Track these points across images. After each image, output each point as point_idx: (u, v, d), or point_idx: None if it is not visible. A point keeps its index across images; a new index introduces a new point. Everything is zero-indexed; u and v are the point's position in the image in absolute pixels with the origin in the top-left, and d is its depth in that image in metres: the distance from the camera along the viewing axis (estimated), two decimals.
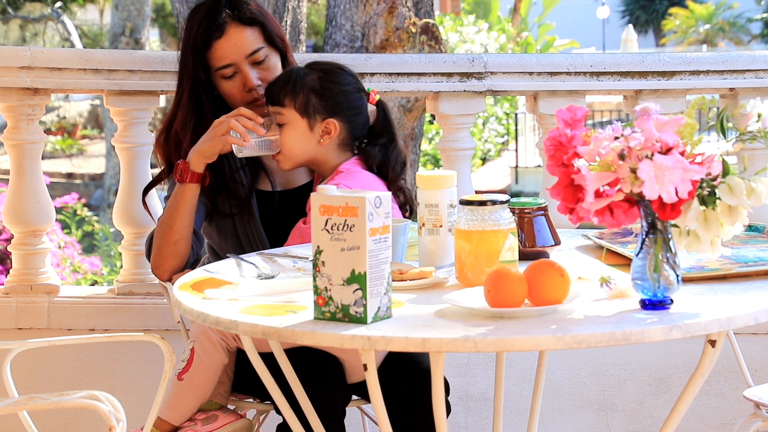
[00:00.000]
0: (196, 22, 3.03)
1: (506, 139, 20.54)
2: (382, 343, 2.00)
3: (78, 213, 8.42)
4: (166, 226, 2.93)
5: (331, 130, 2.92)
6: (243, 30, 3.02)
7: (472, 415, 3.69)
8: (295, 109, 2.89)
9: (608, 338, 1.96)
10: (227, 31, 3.01)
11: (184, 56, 3.05)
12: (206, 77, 3.04)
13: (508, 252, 2.32)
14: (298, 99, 2.89)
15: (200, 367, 2.80)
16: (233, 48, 3.01)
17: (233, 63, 3.01)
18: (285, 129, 2.90)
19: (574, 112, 2.12)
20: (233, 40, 3.01)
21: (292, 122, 2.90)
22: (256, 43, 3.03)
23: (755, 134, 2.12)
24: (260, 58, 3.03)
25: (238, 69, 3.02)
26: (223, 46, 3.01)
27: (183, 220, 2.91)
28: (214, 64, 3.02)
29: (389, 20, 6.33)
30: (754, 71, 3.81)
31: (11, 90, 3.49)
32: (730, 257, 2.42)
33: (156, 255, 2.96)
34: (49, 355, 3.55)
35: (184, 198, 2.92)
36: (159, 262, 2.95)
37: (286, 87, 2.90)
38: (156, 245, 2.96)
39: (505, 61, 3.72)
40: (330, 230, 2.09)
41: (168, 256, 2.95)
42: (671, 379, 3.71)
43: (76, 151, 21.86)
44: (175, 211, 2.92)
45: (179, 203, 2.92)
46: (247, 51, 3.02)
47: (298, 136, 2.90)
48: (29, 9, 20.07)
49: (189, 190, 2.91)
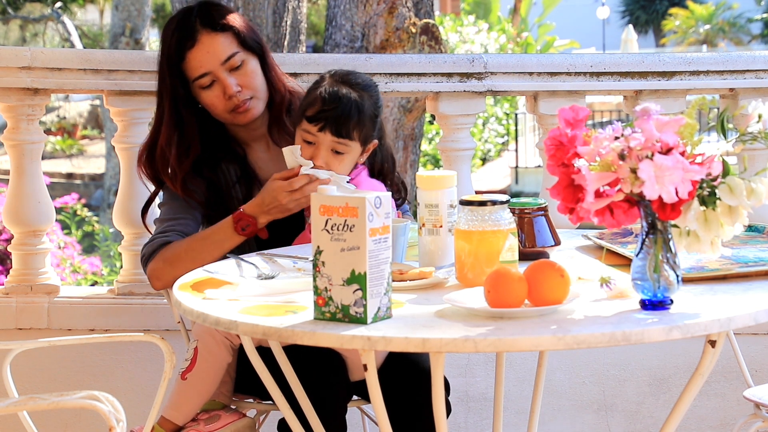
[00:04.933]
0: (168, 35, 2.99)
1: (506, 140, 20.54)
2: (382, 344, 2.00)
3: (78, 213, 8.42)
4: (196, 255, 2.87)
5: (370, 149, 2.94)
6: (215, 37, 2.97)
7: (472, 415, 3.69)
8: (359, 140, 2.87)
9: (608, 338, 1.96)
10: (199, 39, 2.96)
11: (161, 71, 3.01)
12: (185, 90, 2.99)
13: (508, 252, 2.32)
14: (363, 131, 2.87)
15: (204, 366, 2.80)
16: (207, 56, 2.96)
17: (209, 71, 2.96)
18: (345, 158, 2.87)
19: (576, 112, 2.12)
20: (206, 47, 2.96)
21: (353, 152, 2.88)
22: (230, 49, 2.98)
23: (756, 135, 2.12)
24: (236, 64, 2.98)
25: (216, 77, 2.97)
26: (196, 55, 2.96)
27: (215, 259, 2.85)
28: (191, 75, 2.98)
29: (389, 20, 6.33)
30: (754, 71, 3.81)
31: (11, 90, 3.48)
32: (730, 257, 2.42)
33: (164, 271, 2.91)
34: (49, 355, 3.55)
35: (231, 245, 2.87)
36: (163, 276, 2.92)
37: (357, 121, 2.85)
38: (170, 263, 2.90)
39: (505, 62, 3.72)
40: (330, 230, 2.09)
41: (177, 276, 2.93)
42: (671, 380, 3.71)
43: (76, 151, 21.87)
44: (215, 250, 2.86)
45: (224, 246, 2.87)
46: (222, 58, 2.97)
47: (352, 163, 2.91)
48: (29, 9, 20.07)
49: (239, 241, 2.88)
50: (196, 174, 3.00)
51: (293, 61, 3.55)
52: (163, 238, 2.96)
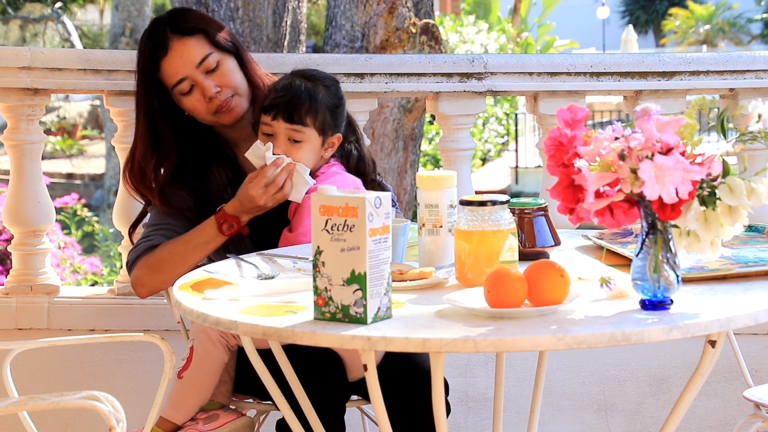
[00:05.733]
0: (142, 48, 3.01)
1: (506, 140, 20.54)
2: (382, 344, 2.00)
3: (78, 213, 8.42)
4: (179, 258, 2.90)
5: (335, 144, 2.94)
6: (186, 41, 2.97)
7: (472, 415, 3.69)
8: (315, 128, 2.89)
9: (608, 338, 1.96)
10: (171, 46, 2.96)
11: (137, 85, 3.02)
12: (160, 102, 3.00)
13: (508, 252, 2.32)
14: (318, 118, 2.89)
15: (200, 365, 2.80)
16: (180, 62, 2.96)
17: (186, 76, 2.97)
18: (302, 146, 2.89)
19: (574, 112, 2.12)
20: (178, 53, 2.96)
21: (310, 140, 2.90)
22: (203, 51, 2.98)
23: (756, 135, 2.12)
24: (212, 65, 2.98)
25: (194, 81, 2.97)
26: (171, 62, 2.97)
27: (198, 262, 2.89)
28: (169, 83, 2.98)
29: (389, 20, 6.34)
30: (754, 71, 3.81)
31: (11, 90, 3.48)
32: (730, 257, 2.42)
33: (148, 277, 2.93)
34: (49, 355, 3.55)
35: (215, 246, 2.90)
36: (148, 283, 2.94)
37: (308, 107, 2.88)
38: (154, 268, 2.93)
39: (505, 62, 3.72)
40: (330, 230, 2.09)
41: (161, 283, 2.95)
42: (671, 380, 3.71)
43: (76, 151, 21.86)
44: (199, 252, 2.90)
45: (208, 247, 2.90)
46: (195, 61, 2.97)
47: (312, 153, 2.91)
48: (29, 9, 20.07)
49: (222, 241, 2.91)
50: (179, 183, 3.01)
51: (293, 61, 3.55)
52: (147, 243, 2.98)
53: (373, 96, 3.69)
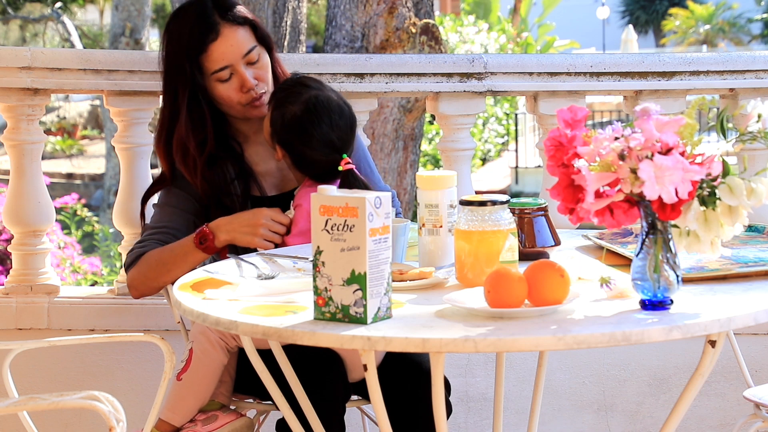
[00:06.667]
0: (186, 27, 3.00)
1: (506, 140, 20.54)
2: (382, 344, 2.00)
3: (78, 213, 8.43)
4: (165, 270, 2.94)
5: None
6: (237, 30, 3.00)
7: (472, 415, 3.69)
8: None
9: (608, 339, 1.96)
10: (222, 32, 2.98)
11: (177, 62, 3.00)
12: (203, 82, 3.01)
13: (508, 252, 2.32)
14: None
15: (199, 366, 2.80)
16: (230, 49, 2.99)
17: (229, 64, 2.99)
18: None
19: (574, 112, 2.12)
20: (229, 41, 2.99)
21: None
22: (250, 43, 3.02)
23: (755, 135, 2.12)
24: (255, 58, 3.02)
25: (234, 70, 3.00)
26: (219, 47, 2.98)
27: (184, 272, 2.87)
28: (210, 67, 2.99)
29: (389, 20, 6.34)
30: (754, 71, 3.81)
31: (11, 90, 3.48)
32: (730, 258, 2.42)
33: (138, 281, 2.99)
34: (49, 355, 3.55)
35: (195, 259, 2.91)
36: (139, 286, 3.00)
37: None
38: (143, 274, 2.97)
39: (505, 62, 3.72)
40: (330, 230, 2.09)
41: (151, 289, 3.01)
42: (671, 380, 3.71)
43: (76, 151, 21.87)
44: (182, 264, 2.90)
45: (189, 261, 2.91)
46: (243, 51, 3.00)
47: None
48: (29, 9, 20.08)
49: (203, 256, 2.92)
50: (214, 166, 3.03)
51: (293, 61, 3.55)
52: (141, 249, 3.00)
53: (373, 96, 3.69)
